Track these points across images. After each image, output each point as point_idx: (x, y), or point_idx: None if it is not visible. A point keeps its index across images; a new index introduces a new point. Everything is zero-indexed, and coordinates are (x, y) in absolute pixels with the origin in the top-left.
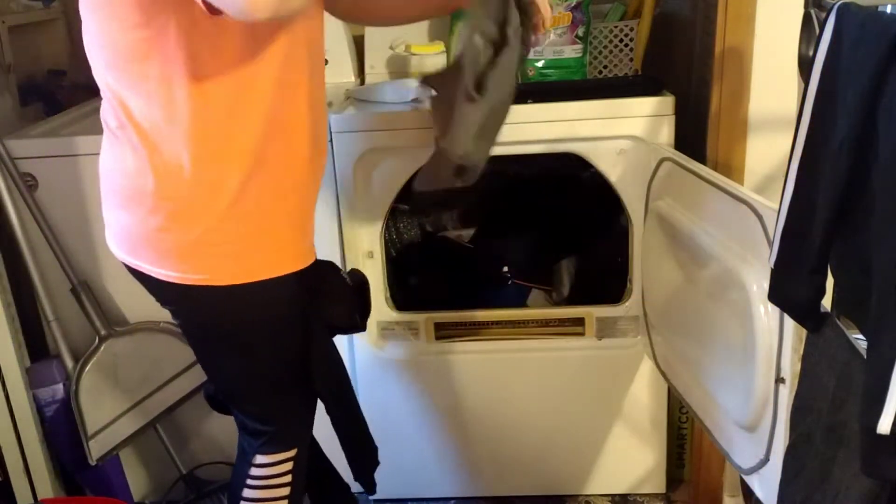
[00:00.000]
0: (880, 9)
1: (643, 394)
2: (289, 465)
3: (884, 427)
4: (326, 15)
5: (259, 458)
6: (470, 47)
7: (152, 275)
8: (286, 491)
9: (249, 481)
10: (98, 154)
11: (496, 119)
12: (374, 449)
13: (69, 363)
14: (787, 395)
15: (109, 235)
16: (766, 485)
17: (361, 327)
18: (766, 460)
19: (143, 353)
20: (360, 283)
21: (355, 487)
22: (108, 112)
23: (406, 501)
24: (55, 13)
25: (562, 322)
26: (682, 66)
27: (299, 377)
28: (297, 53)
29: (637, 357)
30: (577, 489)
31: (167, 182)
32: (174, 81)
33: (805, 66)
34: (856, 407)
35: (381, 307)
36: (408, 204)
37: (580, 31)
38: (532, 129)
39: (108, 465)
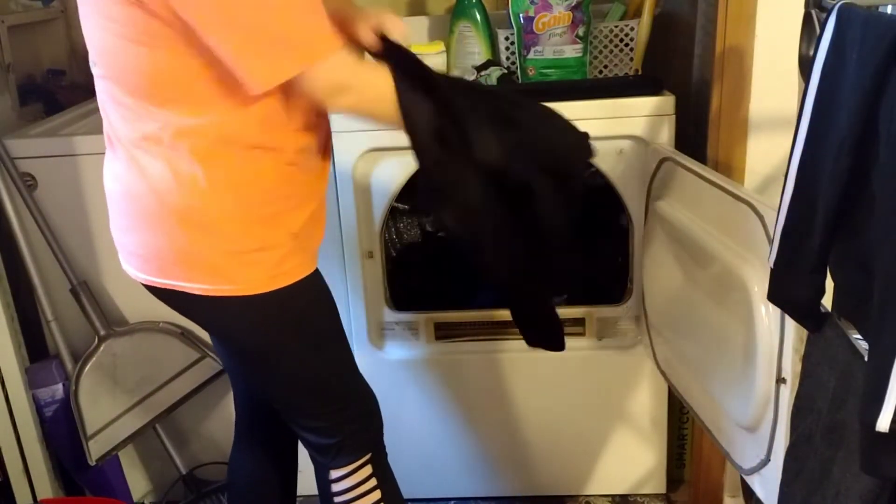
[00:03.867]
0: (881, 9)
1: (643, 394)
2: (368, 470)
3: (882, 424)
4: None
5: (333, 473)
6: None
7: (192, 292)
8: (377, 495)
9: (336, 499)
10: (98, 154)
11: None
12: None
13: (69, 363)
14: (787, 395)
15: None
16: (767, 485)
17: None
18: (766, 460)
19: (142, 354)
20: None
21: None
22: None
23: (405, 502)
24: (55, 13)
25: (561, 322)
26: (683, 65)
27: (353, 380)
28: None
29: (637, 357)
30: (577, 489)
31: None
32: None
33: (805, 66)
34: (856, 407)
35: (380, 307)
36: (408, 204)
37: (580, 31)
38: None
39: (108, 465)
